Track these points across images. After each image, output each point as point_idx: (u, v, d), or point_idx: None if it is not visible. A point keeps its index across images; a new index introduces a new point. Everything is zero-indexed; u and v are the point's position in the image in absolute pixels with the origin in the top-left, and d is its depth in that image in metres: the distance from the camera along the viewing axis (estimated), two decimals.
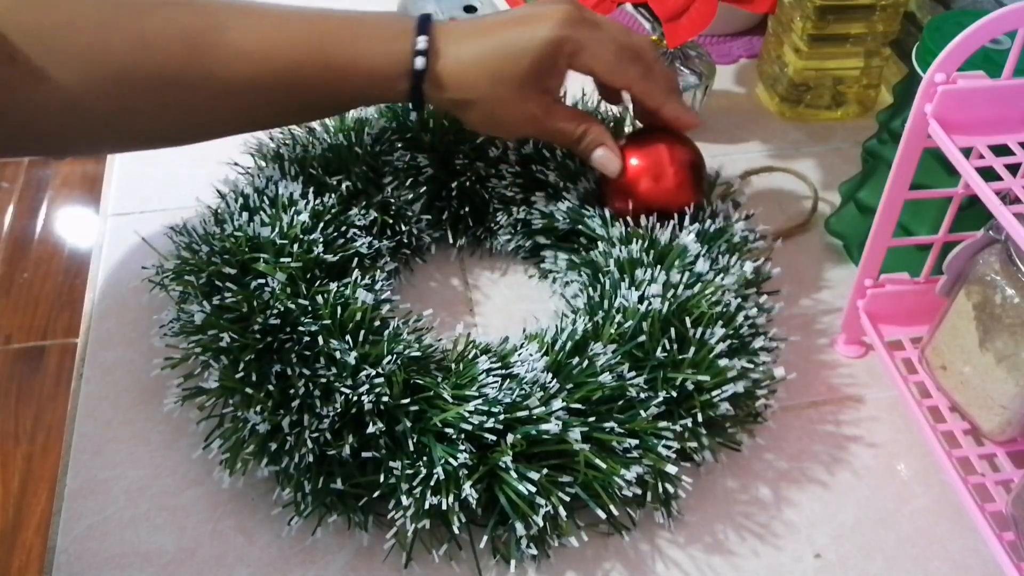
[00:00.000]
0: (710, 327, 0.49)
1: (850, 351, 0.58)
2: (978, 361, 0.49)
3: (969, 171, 0.44)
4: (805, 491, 0.51)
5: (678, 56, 0.71)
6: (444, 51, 0.53)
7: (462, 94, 0.53)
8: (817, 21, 0.70)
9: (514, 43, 0.52)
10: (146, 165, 0.70)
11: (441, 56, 0.53)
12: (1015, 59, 0.44)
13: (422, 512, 0.45)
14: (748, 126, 0.76)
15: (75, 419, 0.54)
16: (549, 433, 0.46)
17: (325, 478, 0.46)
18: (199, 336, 0.49)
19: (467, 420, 0.45)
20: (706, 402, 0.48)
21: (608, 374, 0.48)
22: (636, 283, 0.52)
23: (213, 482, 0.50)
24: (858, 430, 0.54)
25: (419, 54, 0.52)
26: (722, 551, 0.49)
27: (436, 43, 0.52)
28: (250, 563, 0.48)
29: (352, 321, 0.49)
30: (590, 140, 0.56)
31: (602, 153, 0.56)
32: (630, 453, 0.47)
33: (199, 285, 0.51)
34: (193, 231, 0.54)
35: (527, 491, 0.45)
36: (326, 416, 0.46)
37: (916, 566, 0.48)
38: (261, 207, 0.55)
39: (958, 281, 0.50)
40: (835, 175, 0.70)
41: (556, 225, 0.59)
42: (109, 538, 0.48)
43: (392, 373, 0.47)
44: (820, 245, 0.66)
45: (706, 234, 0.55)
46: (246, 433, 0.47)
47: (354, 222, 0.57)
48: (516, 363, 0.50)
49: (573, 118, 0.56)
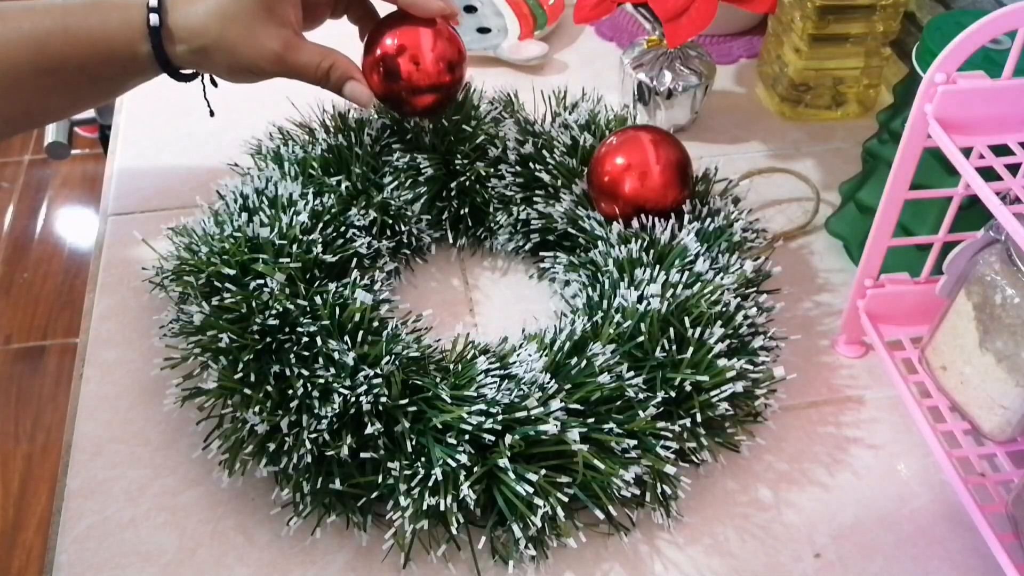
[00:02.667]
0: (709, 327, 0.49)
1: (850, 351, 0.58)
2: (978, 361, 0.49)
3: (969, 171, 0.44)
4: (805, 491, 0.51)
5: (678, 56, 0.71)
6: (175, 3, 0.54)
7: (199, 41, 0.54)
8: (817, 21, 0.70)
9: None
10: (146, 165, 0.70)
11: (172, 10, 0.54)
12: (1015, 59, 0.44)
13: (420, 513, 0.45)
14: (748, 126, 0.76)
15: (75, 419, 0.54)
16: (547, 434, 0.45)
17: (324, 478, 0.46)
18: (198, 337, 0.49)
19: (466, 421, 0.45)
20: (705, 402, 0.48)
21: (607, 374, 0.48)
22: (635, 283, 0.52)
23: (213, 482, 0.50)
24: (858, 430, 0.54)
25: (152, 12, 0.54)
26: (722, 551, 0.48)
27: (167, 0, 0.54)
28: (250, 563, 0.48)
29: (351, 322, 0.49)
30: (339, 74, 0.56)
31: (352, 87, 0.56)
32: (629, 453, 0.47)
33: (198, 286, 0.51)
34: (193, 232, 0.54)
35: (525, 491, 0.44)
36: (324, 417, 0.46)
37: (916, 566, 0.48)
38: (260, 208, 0.55)
39: (958, 281, 0.50)
40: (835, 175, 0.70)
41: (555, 225, 0.59)
42: (109, 538, 0.48)
43: (391, 374, 0.47)
44: (820, 245, 0.66)
45: (706, 233, 0.55)
46: (245, 433, 0.47)
47: (353, 222, 0.57)
48: (515, 363, 0.50)
49: (317, 52, 0.56)
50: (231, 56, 0.55)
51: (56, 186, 2.01)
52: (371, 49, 0.56)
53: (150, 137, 0.73)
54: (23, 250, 1.87)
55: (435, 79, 0.56)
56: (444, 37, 0.56)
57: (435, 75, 0.56)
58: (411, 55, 0.55)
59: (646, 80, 0.71)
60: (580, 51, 0.84)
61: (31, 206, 1.96)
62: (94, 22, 0.54)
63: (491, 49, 0.82)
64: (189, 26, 0.54)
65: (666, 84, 0.71)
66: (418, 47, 0.55)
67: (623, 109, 0.61)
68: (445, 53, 0.56)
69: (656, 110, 0.73)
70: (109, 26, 0.54)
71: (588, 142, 0.61)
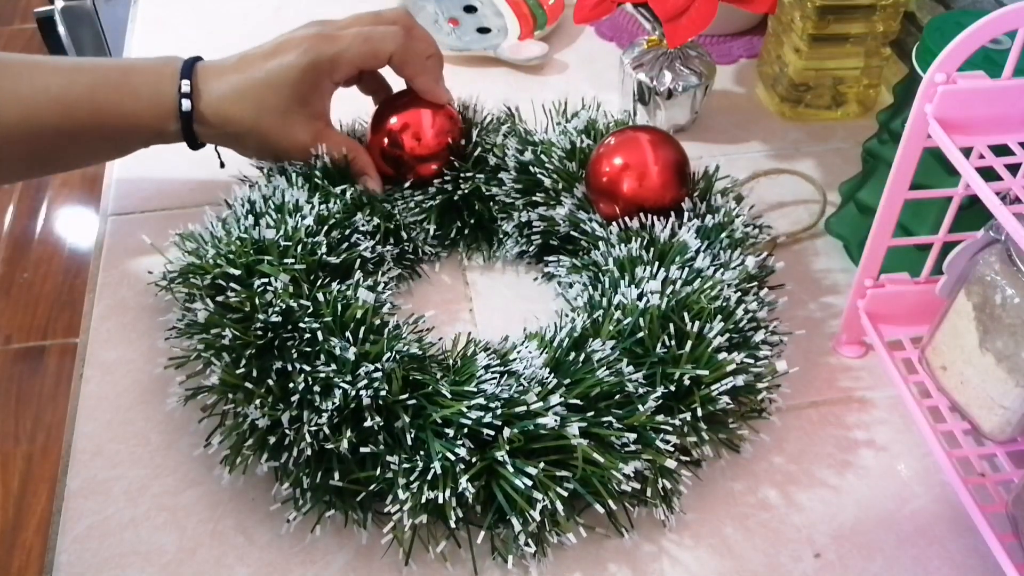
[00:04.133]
0: (709, 322, 0.49)
1: (850, 351, 0.58)
2: (978, 361, 0.49)
3: (969, 171, 0.44)
4: (805, 491, 0.51)
5: (678, 56, 0.71)
6: (207, 90, 0.56)
7: (231, 128, 0.57)
8: (817, 21, 0.70)
9: (272, 73, 0.56)
10: (146, 166, 0.70)
11: (204, 95, 0.56)
12: (1015, 59, 0.44)
13: (419, 507, 0.45)
14: (748, 126, 0.76)
15: (75, 419, 0.54)
16: (547, 428, 0.46)
17: (323, 473, 0.46)
18: (202, 334, 0.49)
19: (465, 415, 0.46)
20: (705, 396, 0.48)
21: (606, 369, 0.48)
22: (635, 280, 0.52)
23: (213, 482, 0.50)
24: (858, 430, 0.54)
25: (184, 97, 0.55)
26: (723, 550, 0.49)
27: (199, 85, 0.56)
28: (250, 563, 0.48)
29: (353, 320, 0.49)
30: (358, 168, 0.60)
31: (365, 180, 0.61)
32: (628, 448, 0.47)
33: (204, 287, 0.51)
34: (200, 237, 0.55)
35: (524, 485, 0.45)
36: (325, 411, 0.46)
37: (916, 566, 0.48)
38: (267, 212, 0.55)
39: (958, 281, 0.50)
40: (835, 175, 0.70)
41: (557, 228, 0.59)
42: (109, 538, 0.48)
43: (391, 370, 0.47)
44: (820, 245, 0.66)
45: (706, 230, 0.55)
46: (246, 428, 0.47)
47: (358, 227, 0.57)
48: (515, 360, 0.50)
49: (342, 144, 0.60)
50: (262, 143, 0.58)
51: (56, 186, 2.01)
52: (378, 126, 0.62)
53: None
54: (23, 250, 1.87)
55: (435, 150, 0.62)
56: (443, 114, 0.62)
57: (435, 147, 0.62)
58: (413, 132, 0.61)
59: (646, 80, 0.71)
60: (580, 51, 0.84)
61: (31, 206, 1.96)
62: (124, 97, 0.55)
63: (491, 49, 0.82)
64: (223, 114, 0.56)
65: (666, 84, 0.71)
66: (420, 125, 0.61)
67: (623, 113, 0.61)
68: (444, 127, 0.62)
69: (656, 110, 0.73)
70: (139, 104, 0.55)
71: (586, 144, 0.61)
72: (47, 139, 0.55)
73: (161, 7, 0.89)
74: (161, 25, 0.87)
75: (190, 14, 0.89)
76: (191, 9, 0.89)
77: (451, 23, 0.85)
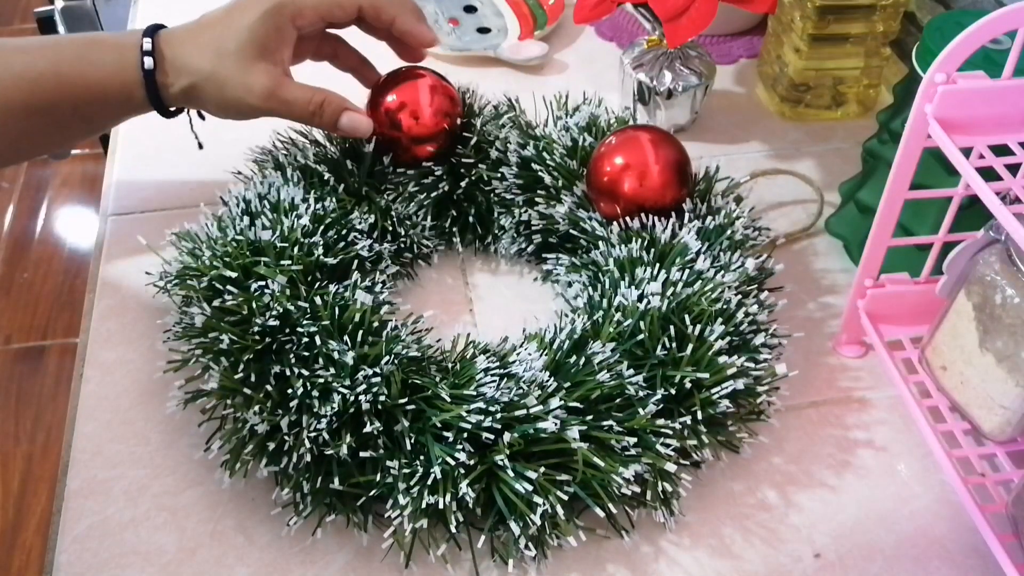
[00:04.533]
0: (710, 324, 0.49)
1: (850, 351, 0.58)
2: (978, 361, 0.49)
3: (969, 171, 0.44)
4: (805, 491, 0.51)
5: (678, 56, 0.71)
6: (168, 45, 0.55)
7: (190, 78, 0.55)
8: (817, 21, 0.70)
9: (233, 19, 0.55)
10: (146, 166, 0.70)
11: (166, 52, 0.55)
12: (1015, 59, 0.44)
13: (420, 511, 0.45)
14: (748, 126, 0.76)
15: (75, 419, 0.54)
16: (547, 431, 0.45)
17: (323, 478, 0.46)
18: (200, 339, 0.49)
19: (465, 419, 0.45)
20: (705, 400, 0.48)
21: (606, 372, 0.48)
22: (636, 282, 0.52)
23: (213, 482, 0.50)
24: (858, 430, 0.54)
25: (146, 54, 0.54)
26: (722, 550, 0.48)
27: (160, 44, 0.55)
28: (250, 563, 0.48)
29: (351, 322, 0.49)
30: (332, 108, 0.56)
31: (348, 118, 0.57)
32: (629, 451, 0.47)
33: (201, 289, 0.51)
34: (196, 237, 0.55)
35: (524, 489, 0.44)
36: (324, 416, 0.46)
37: (916, 566, 0.48)
38: (263, 212, 0.55)
39: (958, 281, 0.50)
40: (835, 175, 0.70)
41: (556, 226, 0.59)
42: (109, 538, 0.48)
43: (390, 373, 0.47)
44: (821, 246, 0.66)
45: (707, 232, 0.55)
46: (246, 433, 0.47)
47: (355, 225, 0.57)
48: (515, 363, 0.50)
49: (308, 89, 0.56)
50: (221, 92, 0.55)
51: (56, 186, 2.01)
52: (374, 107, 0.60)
53: (150, 137, 0.73)
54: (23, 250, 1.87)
55: (433, 130, 0.59)
56: (440, 92, 0.60)
57: (433, 127, 0.59)
58: (411, 110, 0.59)
59: (646, 80, 0.71)
60: (580, 51, 0.84)
61: (31, 206, 1.96)
62: (87, 65, 0.54)
63: (491, 49, 0.82)
64: (183, 62, 0.55)
65: (666, 84, 0.71)
66: (418, 103, 0.59)
67: (624, 111, 0.61)
68: (443, 107, 0.60)
69: (656, 110, 0.73)
70: (103, 70, 0.55)
71: (587, 142, 0.61)
72: (17, 118, 0.54)
73: (161, 7, 0.89)
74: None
75: (190, 14, 0.88)
76: (191, 9, 0.89)
77: (451, 23, 0.85)
